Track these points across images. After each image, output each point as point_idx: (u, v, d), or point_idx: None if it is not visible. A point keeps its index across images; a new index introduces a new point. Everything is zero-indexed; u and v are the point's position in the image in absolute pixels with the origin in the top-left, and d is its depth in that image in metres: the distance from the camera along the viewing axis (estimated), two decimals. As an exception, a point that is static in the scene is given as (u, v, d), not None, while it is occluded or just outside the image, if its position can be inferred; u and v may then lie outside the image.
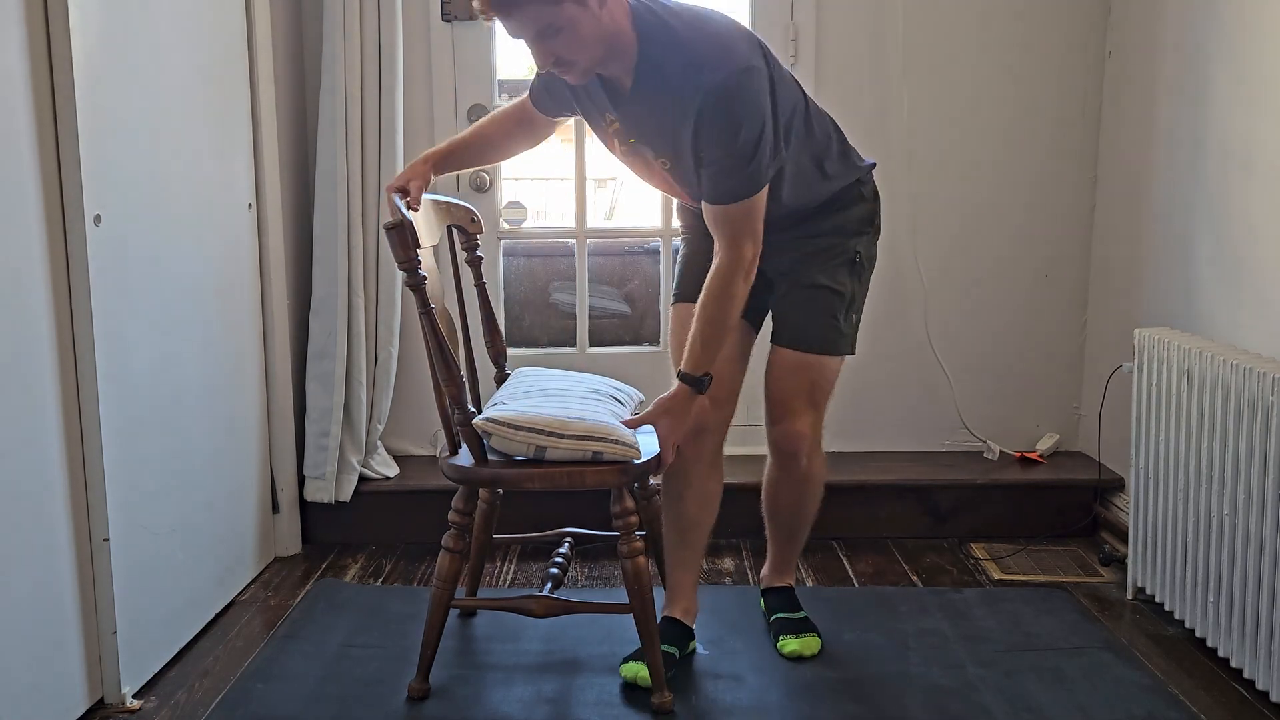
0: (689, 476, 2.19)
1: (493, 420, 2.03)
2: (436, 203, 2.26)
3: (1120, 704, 2.09)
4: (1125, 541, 2.67)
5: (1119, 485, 2.92)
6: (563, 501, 2.95)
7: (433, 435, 3.19)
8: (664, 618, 2.22)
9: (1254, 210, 2.34)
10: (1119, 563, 2.72)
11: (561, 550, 2.42)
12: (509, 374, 2.44)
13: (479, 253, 2.41)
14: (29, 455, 1.83)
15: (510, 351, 3.18)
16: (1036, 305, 3.17)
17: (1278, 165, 2.26)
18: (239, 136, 2.60)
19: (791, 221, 2.13)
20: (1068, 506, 2.99)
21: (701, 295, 2.02)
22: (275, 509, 2.83)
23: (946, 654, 2.29)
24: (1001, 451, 3.15)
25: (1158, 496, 2.42)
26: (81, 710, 1.99)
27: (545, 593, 2.21)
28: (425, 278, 2.03)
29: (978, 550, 2.91)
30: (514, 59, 3.21)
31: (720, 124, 1.90)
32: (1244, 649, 2.12)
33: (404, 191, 2.07)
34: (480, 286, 2.43)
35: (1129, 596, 2.57)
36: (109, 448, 2.00)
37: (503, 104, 3.09)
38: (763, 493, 2.36)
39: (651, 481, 2.36)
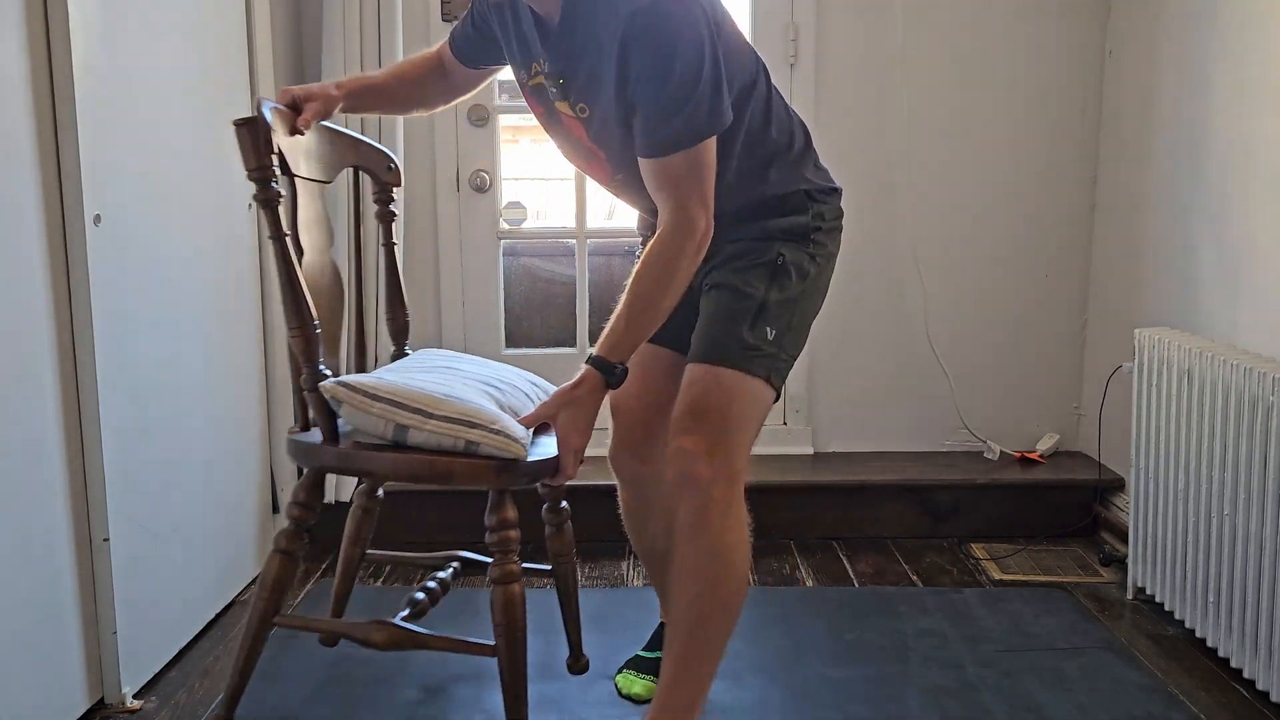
0: (648, 509, 1.96)
1: (346, 385, 1.70)
2: (341, 135, 1.97)
3: (1120, 704, 2.09)
4: (1125, 541, 2.67)
5: (1119, 485, 2.92)
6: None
7: (433, 435, 3.19)
8: (661, 623, 2.19)
9: (1254, 210, 2.34)
10: (1119, 563, 2.72)
11: (441, 575, 2.09)
12: (407, 353, 2.13)
13: (393, 208, 2.09)
14: (29, 455, 1.83)
15: (509, 352, 3.21)
16: (1036, 305, 3.17)
17: (1278, 165, 2.26)
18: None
19: (719, 228, 1.76)
20: (1068, 506, 2.99)
21: (637, 265, 1.67)
22: (275, 509, 2.83)
23: (946, 654, 2.29)
24: (1001, 451, 3.15)
25: (1158, 496, 2.42)
26: (82, 710, 1.99)
27: (400, 620, 1.86)
28: (280, 195, 1.72)
29: (978, 550, 2.91)
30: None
31: (649, 53, 1.59)
32: (1244, 649, 2.12)
33: (295, 108, 1.78)
34: (389, 247, 2.12)
35: (1129, 596, 2.57)
36: (109, 448, 2.00)
37: (502, 103, 3.11)
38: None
39: (564, 505, 2.07)
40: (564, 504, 2.06)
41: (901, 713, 2.06)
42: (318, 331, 1.75)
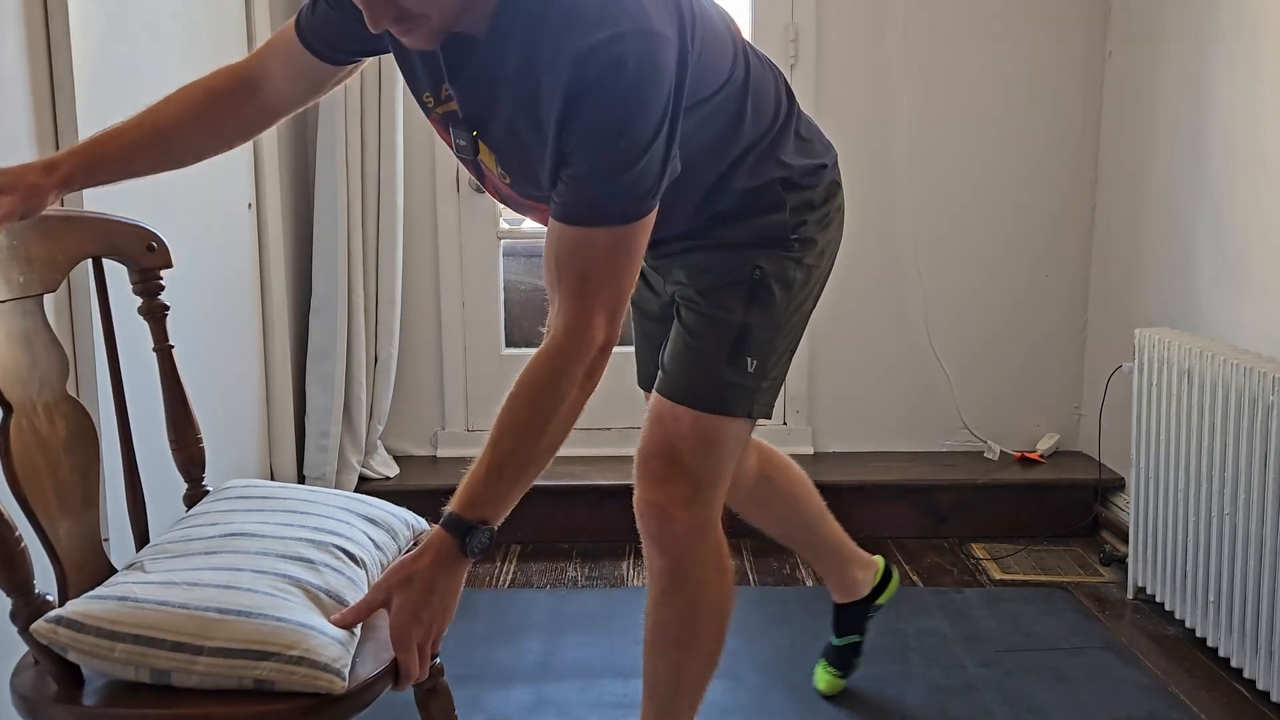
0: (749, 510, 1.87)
1: (70, 623, 1.22)
2: (72, 220, 1.48)
3: (1120, 704, 2.09)
4: (1125, 541, 2.67)
5: (1119, 485, 2.92)
6: (562, 510, 2.96)
7: (433, 435, 3.19)
8: (834, 604, 2.13)
9: (1254, 210, 2.34)
10: (1119, 563, 2.72)
11: None
12: (207, 490, 1.64)
13: (164, 299, 1.57)
14: (29, 456, 1.82)
15: (509, 352, 3.21)
16: (1036, 305, 3.17)
17: (1278, 165, 2.25)
18: (239, 136, 2.60)
19: (677, 233, 1.53)
20: (1068, 506, 2.99)
21: (513, 386, 1.28)
22: (275, 509, 2.82)
23: (946, 654, 2.29)
24: (1001, 451, 3.15)
25: (1158, 496, 2.42)
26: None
27: None
28: None
29: (978, 550, 2.91)
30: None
31: (597, 107, 1.23)
32: (1244, 649, 2.11)
33: None
34: (164, 352, 1.57)
35: (1129, 596, 2.57)
36: (107, 448, 1.99)
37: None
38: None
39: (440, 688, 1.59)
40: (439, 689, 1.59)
41: (901, 713, 2.06)
42: (22, 547, 1.25)
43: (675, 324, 1.58)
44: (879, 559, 2.15)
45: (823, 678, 2.14)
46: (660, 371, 1.58)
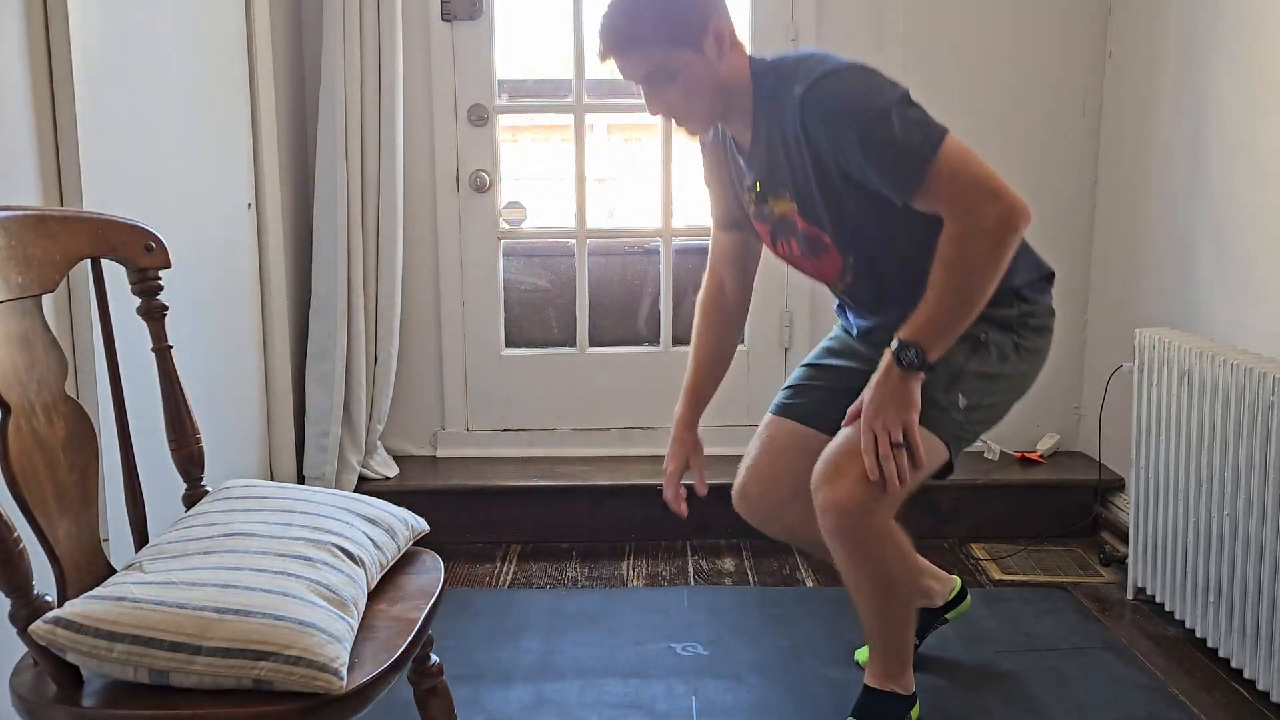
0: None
1: (69, 624, 1.23)
2: (66, 221, 1.47)
3: (1120, 704, 2.09)
4: (1125, 541, 2.67)
5: (1119, 485, 2.92)
6: (562, 510, 2.96)
7: (433, 435, 3.19)
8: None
9: (1254, 210, 2.34)
10: (1119, 563, 2.72)
11: None
12: (206, 491, 1.65)
13: (163, 298, 1.58)
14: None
15: (509, 352, 3.21)
16: (1036, 305, 3.16)
17: (1278, 165, 2.25)
18: (239, 136, 2.60)
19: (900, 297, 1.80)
20: (1068, 506, 2.99)
21: (934, 266, 1.69)
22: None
23: (946, 654, 2.29)
24: (1001, 451, 3.15)
25: (1158, 496, 2.42)
26: None
27: None
28: None
29: (978, 550, 2.91)
30: (514, 59, 3.21)
31: (830, 112, 1.69)
32: (1244, 649, 2.11)
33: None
34: (162, 352, 1.58)
35: (1129, 596, 2.57)
36: (106, 448, 1.99)
37: (502, 103, 3.10)
38: None
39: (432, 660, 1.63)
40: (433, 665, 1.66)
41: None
42: (21, 547, 1.25)
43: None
44: (956, 579, 2.28)
45: (863, 651, 2.18)
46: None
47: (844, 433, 1.78)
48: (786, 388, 2.08)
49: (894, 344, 1.71)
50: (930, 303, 1.69)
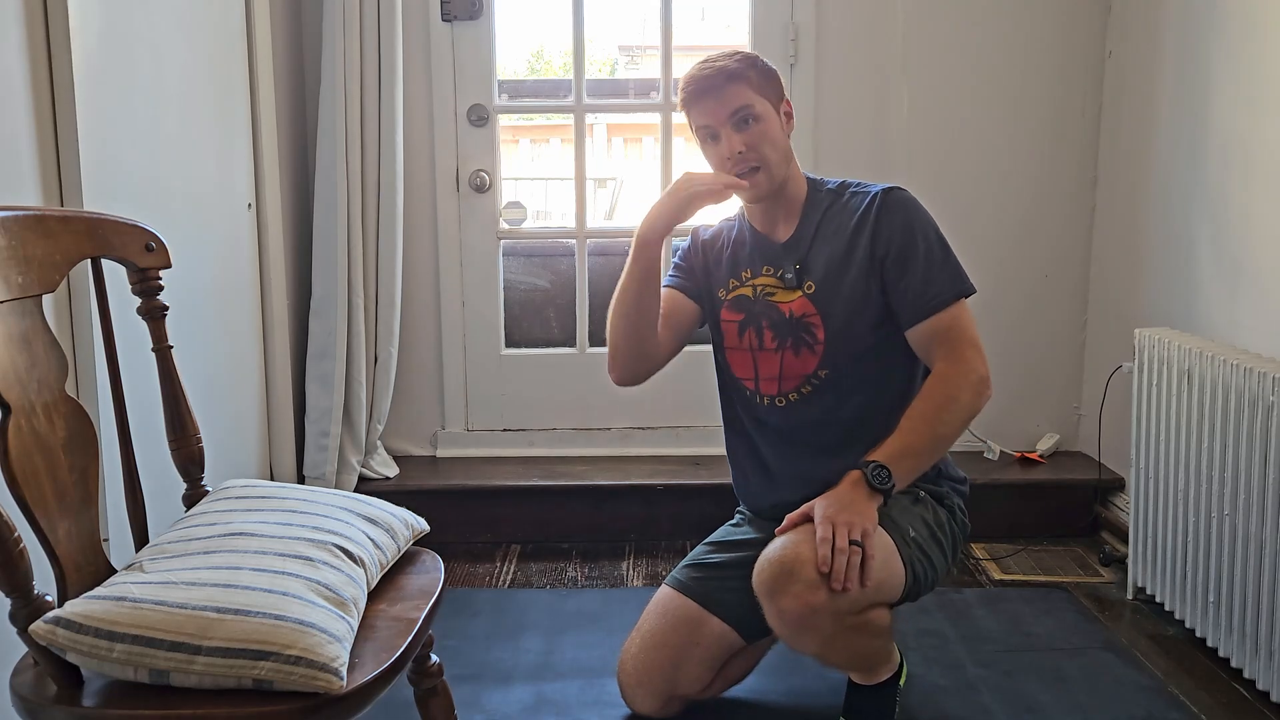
0: None
1: (69, 624, 1.23)
2: (67, 220, 1.46)
3: (1120, 704, 2.09)
4: (1125, 541, 2.67)
5: (1119, 485, 2.92)
6: (562, 510, 2.96)
7: (432, 435, 3.19)
8: None
9: (1254, 210, 2.34)
10: (1119, 563, 2.72)
11: None
12: (206, 491, 1.65)
13: (163, 299, 1.58)
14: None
15: (509, 352, 3.21)
16: (1036, 305, 3.17)
17: (1278, 165, 2.26)
18: (239, 136, 2.60)
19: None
20: (1068, 506, 2.99)
21: (915, 401, 1.79)
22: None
23: (946, 654, 2.29)
24: (1001, 451, 3.15)
25: (1158, 496, 2.42)
26: None
27: None
28: None
29: (978, 550, 2.91)
30: (514, 60, 3.21)
31: (900, 223, 1.87)
32: (1244, 649, 2.11)
33: None
34: (163, 352, 1.58)
35: (1129, 596, 2.57)
36: (106, 448, 1.99)
37: (502, 103, 3.10)
38: None
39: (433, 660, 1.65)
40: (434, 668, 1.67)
41: (902, 713, 2.06)
42: (21, 548, 1.24)
43: None
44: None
45: None
46: None
47: (784, 540, 1.69)
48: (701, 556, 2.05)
49: (863, 464, 1.72)
50: (906, 432, 1.75)
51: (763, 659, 2.11)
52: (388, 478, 3.00)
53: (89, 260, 1.51)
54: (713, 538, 2.09)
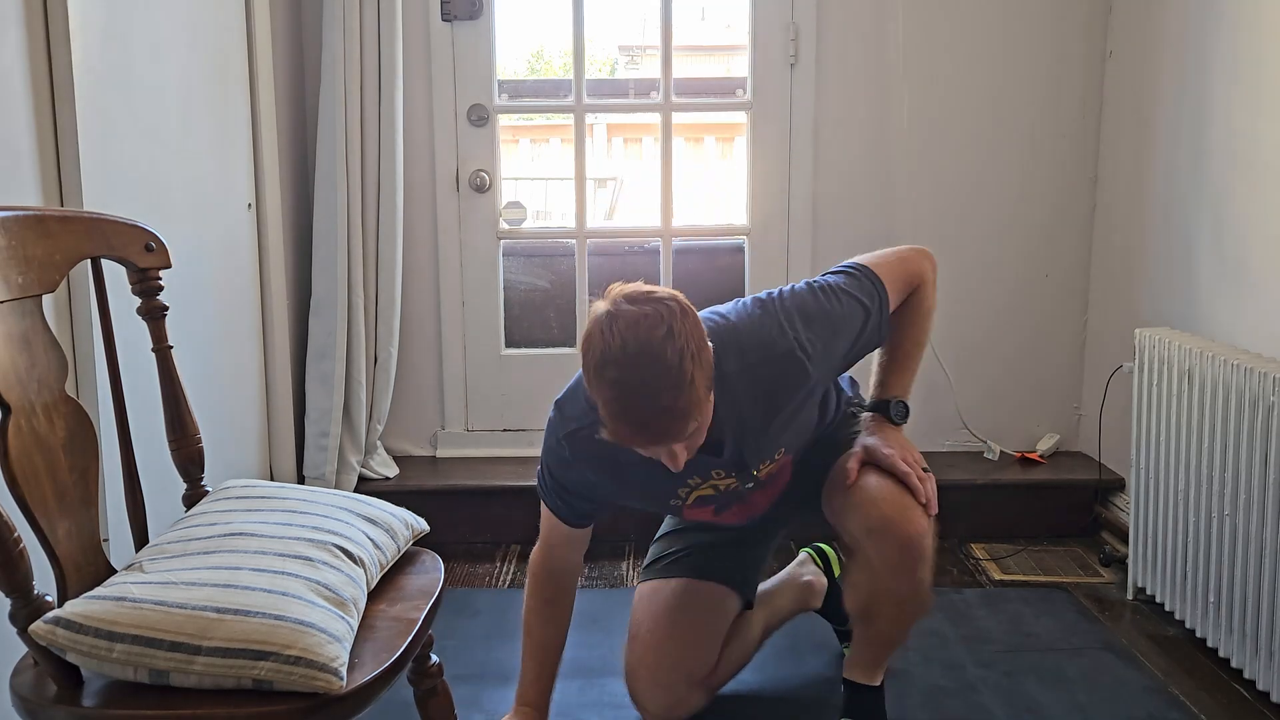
0: None
1: (69, 624, 1.23)
2: (67, 220, 1.47)
3: (1120, 704, 2.09)
4: (1125, 541, 2.67)
5: (1119, 485, 2.92)
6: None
7: (432, 435, 3.19)
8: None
9: (1254, 210, 2.34)
10: (1119, 563, 2.72)
11: None
12: (206, 491, 1.65)
13: (162, 298, 1.58)
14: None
15: (509, 351, 3.21)
16: (1036, 305, 3.17)
17: (1278, 165, 2.25)
18: (239, 136, 2.60)
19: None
20: (1068, 506, 2.99)
21: (903, 330, 1.90)
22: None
23: (946, 654, 2.29)
24: (1001, 451, 3.15)
25: (1158, 496, 2.42)
26: None
27: None
28: None
29: (978, 550, 2.91)
30: (514, 60, 3.21)
31: (771, 376, 1.69)
32: (1244, 649, 2.11)
33: None
34: (162, 351, 1.59)
35: (1129, 596, 2.57)
36: (106, 448, 1.99)
37: (502, 103, 3.10)
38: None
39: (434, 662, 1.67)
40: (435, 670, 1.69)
41: (901, 713, 2.06)
42: (21, 548, 1.24)
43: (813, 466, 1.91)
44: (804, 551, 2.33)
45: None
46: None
47: (875, 480, 1.81)
48: (663, 549, 2.08)
49: (887, 405, 1.86)
50: (910, 358, 1.91)
51: (755, 656, 2.11)
52: (388, 478, 3.00)
53: (89, 260, 1.51)
54: (665, 530, 2.14)
